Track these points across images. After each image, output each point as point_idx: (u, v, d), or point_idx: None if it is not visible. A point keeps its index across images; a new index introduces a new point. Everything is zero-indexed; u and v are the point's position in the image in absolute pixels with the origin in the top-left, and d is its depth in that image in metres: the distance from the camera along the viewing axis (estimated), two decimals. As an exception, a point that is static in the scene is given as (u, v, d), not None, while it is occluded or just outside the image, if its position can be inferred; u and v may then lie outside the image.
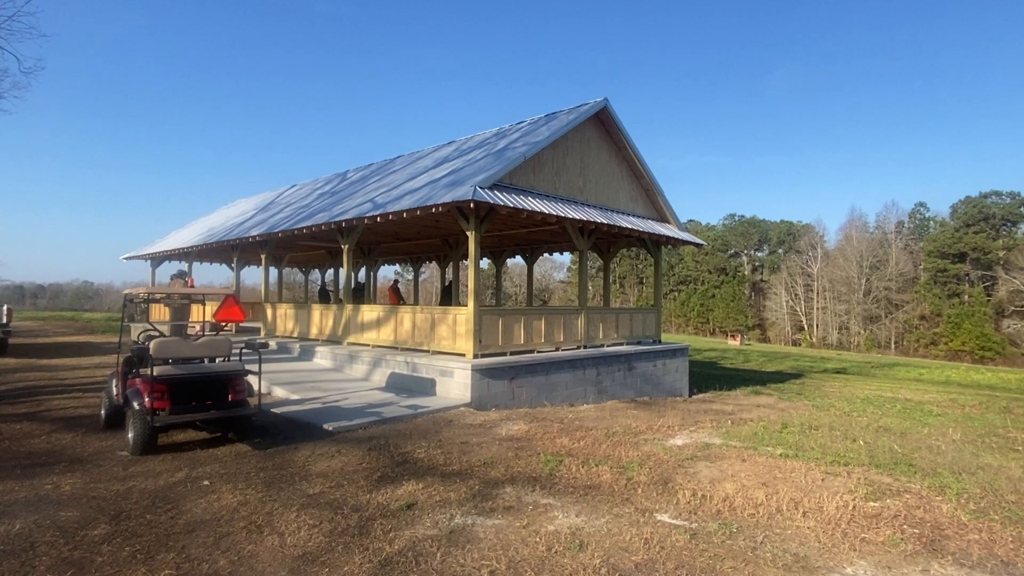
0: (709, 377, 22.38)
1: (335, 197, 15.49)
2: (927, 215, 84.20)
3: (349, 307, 13.61)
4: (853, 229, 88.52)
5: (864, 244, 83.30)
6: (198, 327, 20.68)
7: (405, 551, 4.40)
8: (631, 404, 12.33)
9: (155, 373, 6.90)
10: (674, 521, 5.13)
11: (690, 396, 15.61)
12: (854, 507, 5.45)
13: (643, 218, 14.92)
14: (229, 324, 19.95)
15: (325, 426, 8.32)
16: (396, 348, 12.45)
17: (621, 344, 14.30)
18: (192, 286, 19.76)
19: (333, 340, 14.11)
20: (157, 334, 8.22)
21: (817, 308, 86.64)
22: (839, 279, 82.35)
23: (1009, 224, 73.10)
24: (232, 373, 7.44)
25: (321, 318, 14.58)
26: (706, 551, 4.49)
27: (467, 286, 17.40)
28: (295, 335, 15.55)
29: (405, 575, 4.05)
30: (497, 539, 4.66)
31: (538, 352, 11.89)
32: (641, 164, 14.56)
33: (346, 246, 13.48)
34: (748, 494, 5.80)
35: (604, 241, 16.74)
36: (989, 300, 69.69)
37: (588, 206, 13.18)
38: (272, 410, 9.53)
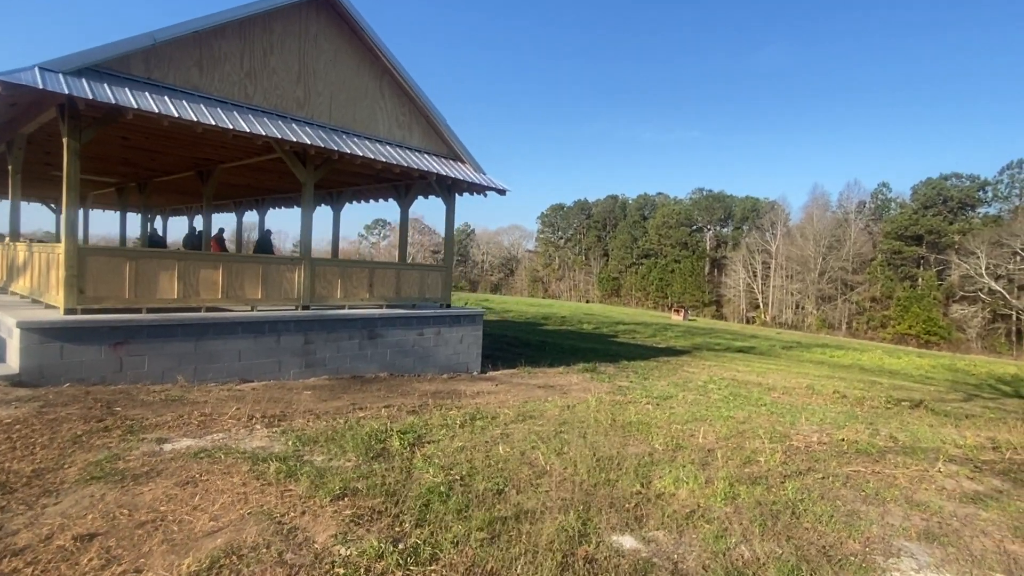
0: (566, 351, 19.76)
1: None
2: (889, 196, 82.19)
3: (11, 247, 10.58)
4: (815, 208, 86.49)
5: (824, 223, 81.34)
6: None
7: None
8: (336, 382, 9.56)
9: None
10: None
11: (484, 372, 12.94)
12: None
13: (418, 152, 11.91)
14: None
15: None
16: (28, 297, 9.52)
17: (379, 307, 11.47)
18: None
19: (3, 289, 11.11)
20: None
21: (773, 286, 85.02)
22: (796, 258, 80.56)
23: (967, 208, 71.29)
24: None
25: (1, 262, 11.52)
26: None
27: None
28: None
29: None
30: None
31: (207, 311, 9.01)
32: (408, 83, 11.46)
33: (10, 166, 10.40)
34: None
35: (401, 183, 13.76)
36: (941, 285, 68.29)
37: (315, 126, 10.15)
38: None
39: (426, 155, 11.97)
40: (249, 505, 3.97)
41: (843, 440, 8.13)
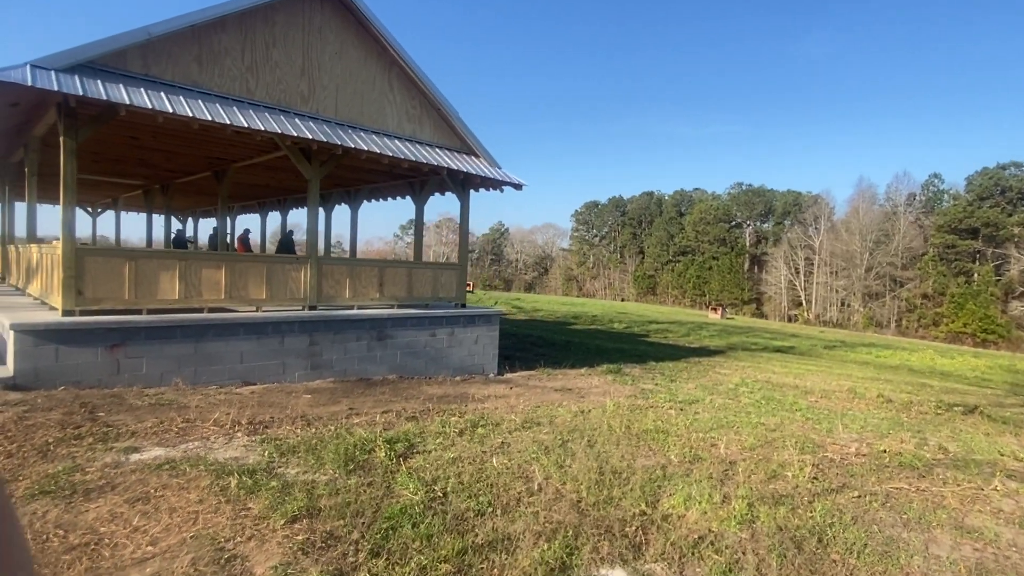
0: (592, 351, 19.11)
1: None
2: (941, 187, 78.11)
3: (13, 248, 10.67)
4: (861, 201, 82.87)
5: (871, 217, 77.81)
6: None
7: None
8: (340, 385, 9.25)
9: None
10: None
11: (500, 374, 12.48)
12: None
13: (429, 146, 11.52)
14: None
15: None
16: (39, 299, 9.52)
17: (390, 307, 11.13)
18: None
19: (20, 290, 11.23)
20: None
21: (816, 283, 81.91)
22: (841, 253, 77.37)
23: (1028, 198, 67.05)
24: None
25: (15, 262, 11.65)
26: None
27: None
28: (17, 284, 12.70)
29: None
30: None
31: (210, 311, 8.82)
32: (418, 75, 11.07)
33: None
34: None
35: (416, 179, 13.42)
36: (999, 280, 64.46)
37: (319, 120, 9.86)
38: None
39: (437, 149, 11.58)
40: (196, 526, 3.60)
41: (885, 451, 7.37)
